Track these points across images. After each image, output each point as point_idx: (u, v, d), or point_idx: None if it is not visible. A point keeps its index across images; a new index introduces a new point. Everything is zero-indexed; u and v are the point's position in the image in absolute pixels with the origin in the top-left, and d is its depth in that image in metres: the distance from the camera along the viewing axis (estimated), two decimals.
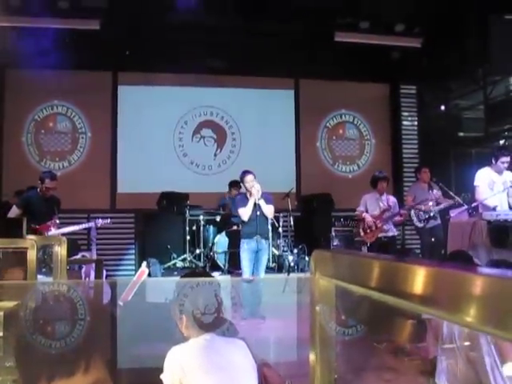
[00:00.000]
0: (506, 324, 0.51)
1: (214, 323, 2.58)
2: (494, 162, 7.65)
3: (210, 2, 10.03)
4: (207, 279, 2.75)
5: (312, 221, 11.35)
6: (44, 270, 7.33)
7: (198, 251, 10.29)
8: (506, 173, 7.74)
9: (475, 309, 0.59)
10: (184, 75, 11.96)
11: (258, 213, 7.61)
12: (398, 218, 8.91)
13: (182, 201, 10.68)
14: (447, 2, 9.98)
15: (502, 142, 11.71)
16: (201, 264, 10.13)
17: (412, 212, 9.26)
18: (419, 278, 0.72)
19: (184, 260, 10.24)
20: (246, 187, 7.76)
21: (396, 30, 11.34)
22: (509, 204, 7.73)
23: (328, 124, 13.03)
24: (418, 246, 10.84)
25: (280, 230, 10.19)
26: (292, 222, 10.37)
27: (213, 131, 12.38)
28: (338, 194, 11.75)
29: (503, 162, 7.58)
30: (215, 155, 12.33)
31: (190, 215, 10.49)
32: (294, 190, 11.70)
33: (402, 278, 0.76)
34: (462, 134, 12.64)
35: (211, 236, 10.46)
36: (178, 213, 10.63)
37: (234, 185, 10.55)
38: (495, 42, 8.95)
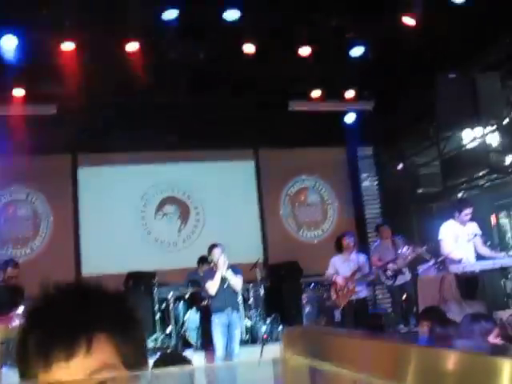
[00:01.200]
0: None
1: None
2: (457, 214, 7.73)
3: (163, 80, 10.15)
4: (178, 371, 2.60)
5: (282, 289, 11.21)
6: (9, 362, 7.02)
7: (168, 330, 10.02)
8: (470, 224, 7.82)
9: None
10: (143, 153, 11.96)
11: (226, 285, 7.49)
12: (370, 278, 8.89)
13: (149, 279, 10.47)
14: (395, 65, 10.29)
15: (460, 194, 11.90)
16: (173, 342, 9.84)
17: (379, 271, 9.24)
18: (400, 357, 0.63)
19: (155, 340, 9.94)
20: (212, 260, 7.67)
21: (347, 95, 11.62)
22: (476, 254, 7.77)
23: (290, 191, 13.09)
24: (389, 305, 10.76)
25: (251, 300, 10.02)
26: (262, 292, 10.23)
27: (175, 207, 12.30)
28: (305, 260, 11.67)
29: (466, 214, 7.66)
30: (179, 231, 12.21)
31: (159, 293, 10.26)
32: (262, 260, 11.60)
33: (380, 356, 0.68)
34: (420, 190, 12.81)
35: (181, 313, 10.22)
36: (146, 292, 10.39)
37: (204, 260, 10.43)
38: (443, 101, 9.23)
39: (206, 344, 9.09)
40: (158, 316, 10.09)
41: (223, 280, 7.53)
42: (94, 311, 1.07)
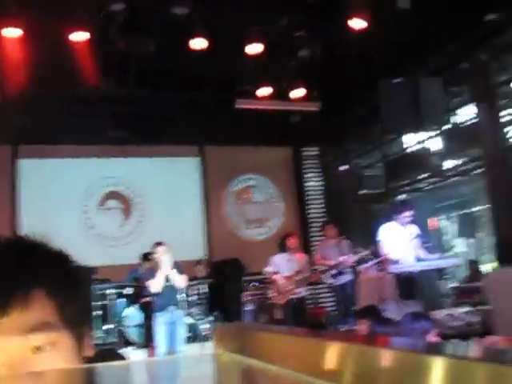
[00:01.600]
0: None
1: None
2: (397, 216, 7.88)
3: (109, 73, 9.99)
4: (110, 365, 2.58)
5: (224, 287, 11.21)
6: None
7: (108, 326, 9.87)
8: (410, 226, 7.99)
9: None
10: (87, 146, 11.76)
11: (169, 283, 7.45)
12: (310, 279, 8.96)
13: (90, 275, 10.29)
14: (343, 67, 10.41)
15: (402, 196, 12.16)
16: (112, 339, 9.71)
17: (322, 271, 9.35)
18: (334, 355, 0.64)
19: (93, 337, 9.79)
20: (155, 258, 7.62)
21: (295, 95, 11.69)
22: (417, 255, 7.94)
23: (235, 189, 13.11)
24: (331, 304, 10.90)
25: (193, 298, 9.98)
26: (205, 290, 10.21)
27: (118, 202, 12.16)
28: (248, 257, 11.70)
29: (406, 216, 7.82)
30: (122, 226, 12.07)
31: (99, 289, 10.10)
32: (205, 257, 11.59)
33: (311, 354, 0.68)
34: (364, 191, 13.03)
35: (122, 310, 10.09)
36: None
37: (146, 257, 10.32)
38: (386, 105, 9.39)
39: (148, 342, 9.02)
40: (97, 312, 9.93)
41: (167, 278, 7.49)
42: (34, 266, 1.02)
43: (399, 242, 7.86)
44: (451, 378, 0.42)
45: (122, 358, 3.42)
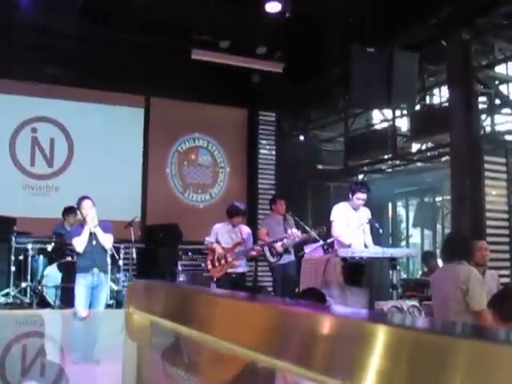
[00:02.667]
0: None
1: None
2: (350, 197, 7.99)
3: (52, 5, 9.73)
4: (27, 312, 2.62)
5: (157, 253, 11.22)
6: None
7: (24, 285, 9.78)
8: (363, 209, 8.10)
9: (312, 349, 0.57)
10: (19, 83, 11.47)
11: (95, 243, 7.40)
12: (251, 253, 9.01)
13: (8, 226, 10.14)
14: (311, 29, 10.40)
15: (360, 176, 12.32)
16: (27, 300, 9.64)
17: (264, 247, 9.43)
18: (248, 315, 0.67)
19: (7, 295, 9.68)
20: (81, 214, 7.54)
21: (257, 52, 11.64)
22: (364, 242, 8.08)
23: (180, 148, 13.04)
24: (271, 284, 11.04)
25: (121, 262, 9.96)
26: (135, 255, 10.20)
27: (49, 148, 11.95)
28: (187, 224, 11.71)
29: (359, 199, 7.93)
30: (50, 178, 11.89)
31: (17, 243, 9.97)
32: (139, 219, 11.55)
33: (226, 315, 0.71)
34: (320, 166, 13.15)
35: (41, 268, 10.00)
36: (2, 240, 10.07)
37: (69, 211, 10.21)
38: (357, 74, 9.39)
39: (66, 305, 8.98)
40: (13, 268, 9.82)
41: (92, 237, 7.44)
42: None
43: (351, 224, 7.98)
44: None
45: None
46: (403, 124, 11.61)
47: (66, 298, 8.77)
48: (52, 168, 11.97)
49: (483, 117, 9.67)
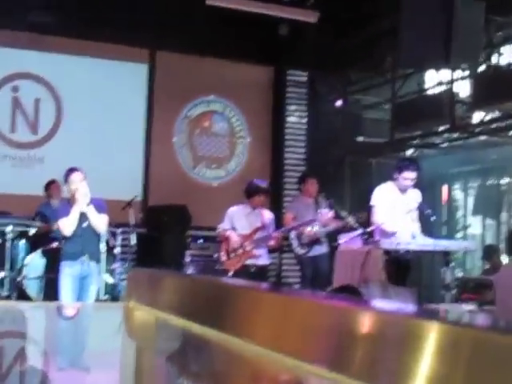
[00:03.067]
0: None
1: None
2: (396, 176, 7.94)
3: None
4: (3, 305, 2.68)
5: (161, 240, 11.27)
6: None
7: (1, 275, 9.90)
8: (411, 191, 8.05)
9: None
10: (2, 32, 11.53)
11: (86, 225, 7.44)
12: (270, 242, 8.99)
13: None
14: None
15: (409, 152, 12.25)
16: (5, 293, 9.76)
17: (292, 235, 9.43)
18: (270, 310, 0.68)
19: None
20: (69, 189, 7.57)
21: None
22: (412, 231, 8.05)
23: (190, 113, 13.03)
24: (299, 280, 11.07)
25: (117, 250, 10.04)
26: (134, 241, 10.25)
27: (33, 110, 12.01)
28: (197, 206, 11.74)
29: (406, 178, 7.87)
30: (34, 144, 11.96)
31: None
32: (139, 198, 11.58)
33: (250, 311, 0.72)
34: (361, 138, 13.08)
35: (22, 255, 10.11)
36: None
37: (56, 186, 10.27)
38: (408, 27, 9.31)
39: (50, 300, 9.06)
40: None
41: (82, 217, 7.47)
42: None
43: (397, 210, 7.95)
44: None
45: None
46: (463, 89, 11.49)
47: (51, 291, 8.84)
48: (36, 135, 12.03)
49: None
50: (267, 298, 0.66)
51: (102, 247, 8.18)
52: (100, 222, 7.57)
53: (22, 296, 9.54)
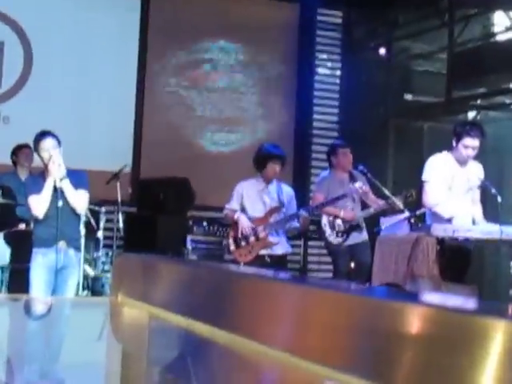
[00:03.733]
0: None
1: None
2: (454, 144, 7.90)
3: None
4: None
5: (156, 222, 11.29)
6: None
7: None
8: (472, 164, 8.00)
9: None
10: None
11: (61, 203, 7.46)
12: (294, 224, 8.97)
13: None
14: None
15: (470, 114, 12.18)
16: None
17: (324, 220, 9.41)
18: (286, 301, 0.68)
19: None
20: (41, 158, 7.59)
21: None
22: (473, 215, 8.03)
23: (195, 62, 13.01)
24: (329, 274, 11.07)
25: (100, 234, 10.07)
26: (121, 224, 10.28)
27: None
28: (202, 180, 11.75)
29: (467, 147, 7.80)
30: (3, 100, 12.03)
31: None
32: (129, 169, 11.59)
33: (268, 306, 0.72)
34: (409, 96, 13.03)
35: None
36: None
37: (25, 153, 10.30)
38: None
39: (17, 294, 9.13)
40: None
41: (57, 194, 7.49)
42: None
43: (455, 187, 7.93)
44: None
45: None
46: None
47: (17, 284, 8.90)
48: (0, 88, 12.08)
49: None
50: (290, 291, 0.66)
51: (82, 230, 8.19)
52: (79, 199, 7.56)
53: None
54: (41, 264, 7.49)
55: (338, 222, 9.40)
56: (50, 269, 7.48)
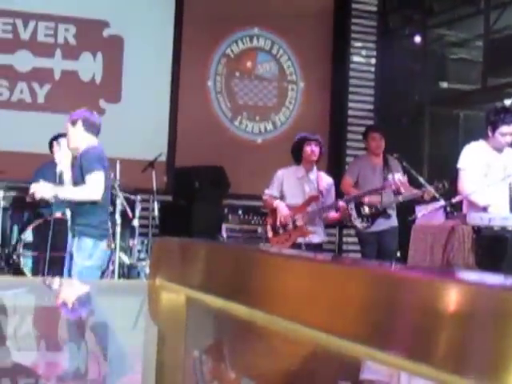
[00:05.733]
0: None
1: None
2: (490, 132, 7.84)
3: None
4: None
5: (191, 211, 11.32)
6: None
7: None
8: (509, 151, 7.94)
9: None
10: None
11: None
12: (333, 215, 8.97)
13: None
14: None
15: (507, 102, 12.09)
16: None
17: (350, 204, 9.39)
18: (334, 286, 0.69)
19: None
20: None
21: None
22: (510, 203, 7.97)
23: (228, 51, 13.02)
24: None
25: (136, 222, 10.10)
26: (157, 212, 10.30)
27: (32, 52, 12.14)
28: (237, 168, 11.77)
29: (504, 134, 7.74)
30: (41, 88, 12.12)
31: None
32: (164, 158, 11.61)
33: (303, 286, 0.72)
34: (445, 84, 12.97)
35: (17, 227, 10.25)
36: None
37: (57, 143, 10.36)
38: None
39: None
40: None
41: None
42: None
43: (491, 175, 7.87)
44: None
45: None
46: None
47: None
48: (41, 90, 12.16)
49: None
50: (329, 271, 0.66)
51: (117, 218, 8.22)
52: (84, 195, 7.44)
53: (19, 274, 9.65)
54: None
55: (365, 206, 9.40)
56: None
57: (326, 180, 9.02)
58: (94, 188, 7.00)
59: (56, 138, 10.30)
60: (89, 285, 6.52)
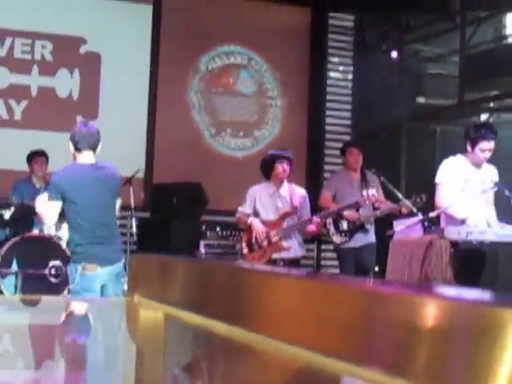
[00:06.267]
0: None
1: None
2: (469, 148, 7.86)
3: None
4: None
5: (169, 227, 11.30)
6: None
7: None
8: (486, 167, 7.98)
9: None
10: None
11: None
12: (311, 228, 8.95)
13: None
14: None
15: (483, 116, 12.15)
16: None
17: (329, 219, 9.40)
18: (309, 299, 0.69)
19: None
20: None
21: None
22: (487, 217, 7.99)
23: (208, 67, 13.03)
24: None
25: None
26: (134, 229, 10.28)
27: (9, 69, 12.14)
28: (216, 185, 11.76)
29: (483, 150, 7.78)
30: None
31: None
32: (142, 174, 11.59)
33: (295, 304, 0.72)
34: (422, 99, 13.02)
35: None
36: None
37: (37, 160, 10.32)
38: None
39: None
40: None
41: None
42: None
43: (469, 190, 7.90)
44: None
45: None
46: None
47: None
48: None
49: None
50: (308, 287, 0.66)
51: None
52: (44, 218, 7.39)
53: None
54: None
55: (343, 221, 9.42)
56: None
57: (299, 192, 8.99)
58: (45, 213, 6.96)
59: (33, 154, 10.29)
60: (66, 302, 6.50)
